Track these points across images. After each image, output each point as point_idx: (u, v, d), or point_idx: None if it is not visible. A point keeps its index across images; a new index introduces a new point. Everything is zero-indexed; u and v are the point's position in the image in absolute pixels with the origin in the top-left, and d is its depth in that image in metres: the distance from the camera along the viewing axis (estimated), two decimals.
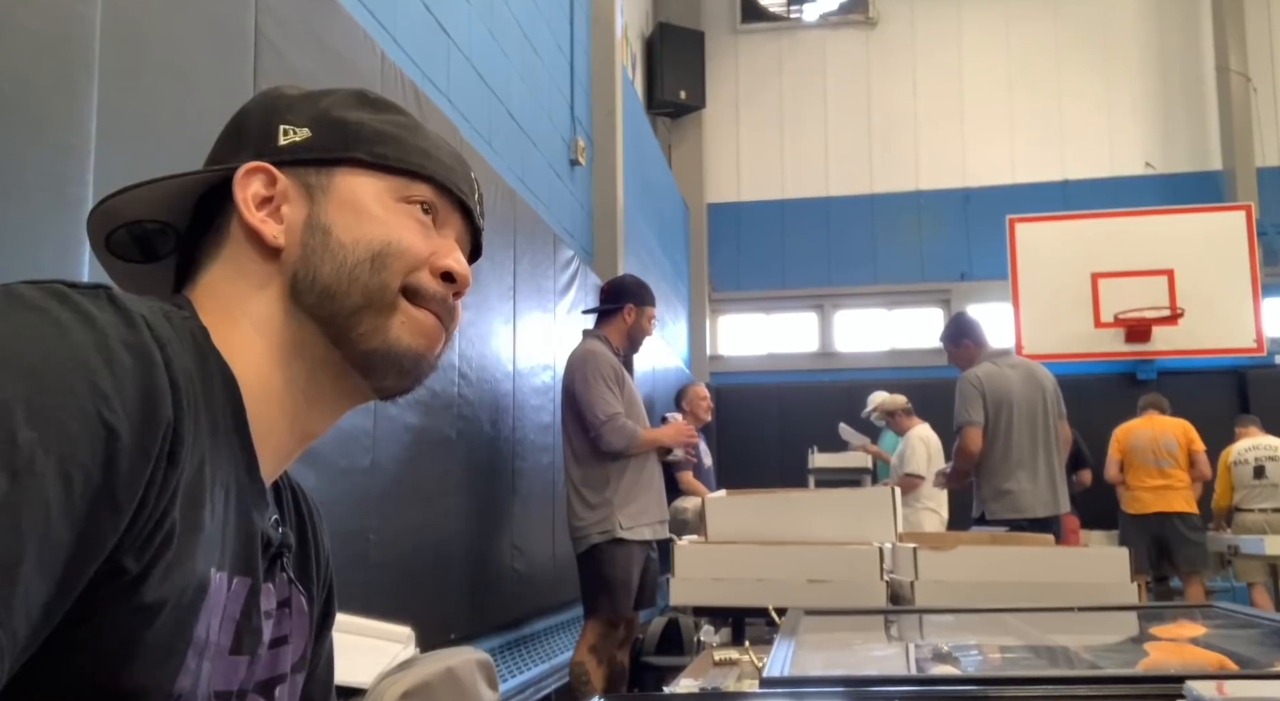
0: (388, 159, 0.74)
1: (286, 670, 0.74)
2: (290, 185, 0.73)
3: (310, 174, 0.73)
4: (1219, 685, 0.97)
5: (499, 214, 3.78)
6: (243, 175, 0.72)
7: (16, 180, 1.43)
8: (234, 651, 0.65)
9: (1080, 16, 10.34)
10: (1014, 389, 4.38)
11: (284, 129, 0.74)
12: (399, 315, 0.72)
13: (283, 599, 0.73)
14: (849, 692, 1.09)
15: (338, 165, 0.74)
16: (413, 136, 0.77)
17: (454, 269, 0.75)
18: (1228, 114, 9.76)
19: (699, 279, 10.52)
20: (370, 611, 1.99)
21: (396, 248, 0.72)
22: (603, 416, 3.56)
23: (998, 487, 4.28)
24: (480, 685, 1.60)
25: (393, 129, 0.76)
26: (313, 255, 0.71)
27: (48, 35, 1.51)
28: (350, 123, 0.75)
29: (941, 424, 6.56)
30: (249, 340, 0.70)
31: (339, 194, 0.73)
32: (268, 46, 2.15)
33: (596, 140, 6.67)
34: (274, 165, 0.73)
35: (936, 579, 2.25)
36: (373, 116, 0.76)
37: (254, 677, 0.68)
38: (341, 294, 0.71)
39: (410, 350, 0.72)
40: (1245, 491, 6.24)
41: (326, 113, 0.75)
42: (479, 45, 4.59)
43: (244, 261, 0.72)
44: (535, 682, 3.79)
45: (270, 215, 0.72)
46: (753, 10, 11.08)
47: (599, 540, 3.56)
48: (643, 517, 3.64)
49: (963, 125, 10.40)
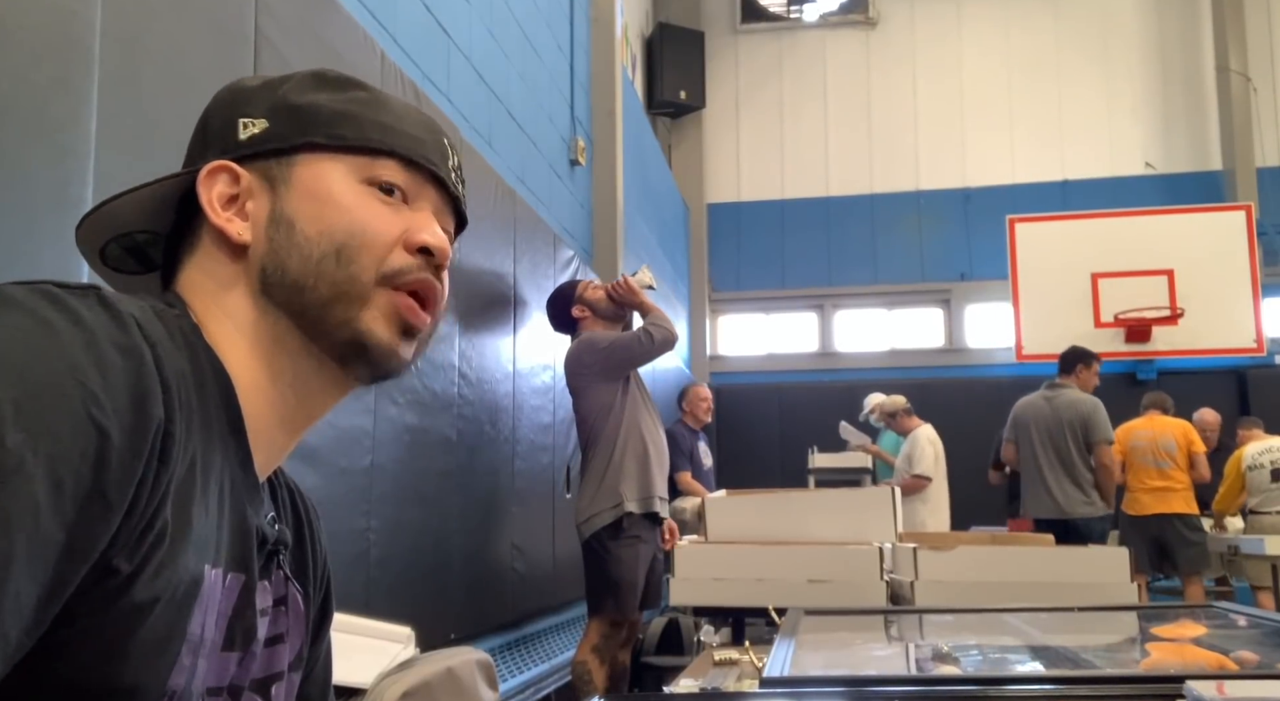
0: (345, 139, 0.73)
1: (284, 668, 0.73)
2: (253, 180, 0.72)
3: (271, 166, 0.72)
4: (1219, 685, 0.97)
5: (499, 214, 3.78)
6: (205, 176, 0.72)
7: (16, 180, 1.43)
8: (226, 647, 0.65)
9: (1080, 16, 10.34)
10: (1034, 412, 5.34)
11: (243, 122, 0.73)
12: (371, 308, 0.71)
13: (279, 597, 0.73)
14: (849, 692, 1.09)
15: (297, 152, 0.72)
16: (373, 112, 0.75)
17: (429, 243, 0.72)
18: (1228, 114, 9.76)
19: (699, 279, 10.51)
20: (370, 611, 2.00)
21: (362, 238, 0.70)
22: (633, 332, 3.69)
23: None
24: (480, 685, 1.60)
25: (351, 107, 0.74)
26: (279, 250, 0.70)
27: (48, 35, 1.51)
28: (306, 107, 0.73)
29: (941, 424, 6.57)
30: (232, 337, 0.70)
31: (301, 183, 0.72)
32: (268, 46, 2.15)
33: (596, 140, 6.67)
34: (236, 161, 0.72)
35: (936, 579, 2.25)
36: (331, 96, 0.74)
37: (249, 675, 0.68)
38: (309, 288, 0.70)
39: (381, 342, 0.71)
40: (1263, 495, 6.22)
41: (283, 100, 0.74)
42: (479, 45, 4.59)
43: (216, 261, 0.72)
44: (535, 682, 3.78)
45: (237, 213, 0.72)
46: (753, 10, 11.08)
47: (607, 521, 3.55)
48: (651, 489, 3.65)
49: (963, 125, 10.40)
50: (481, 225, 3.58)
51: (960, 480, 6.49)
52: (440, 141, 0.78)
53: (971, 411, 7.89)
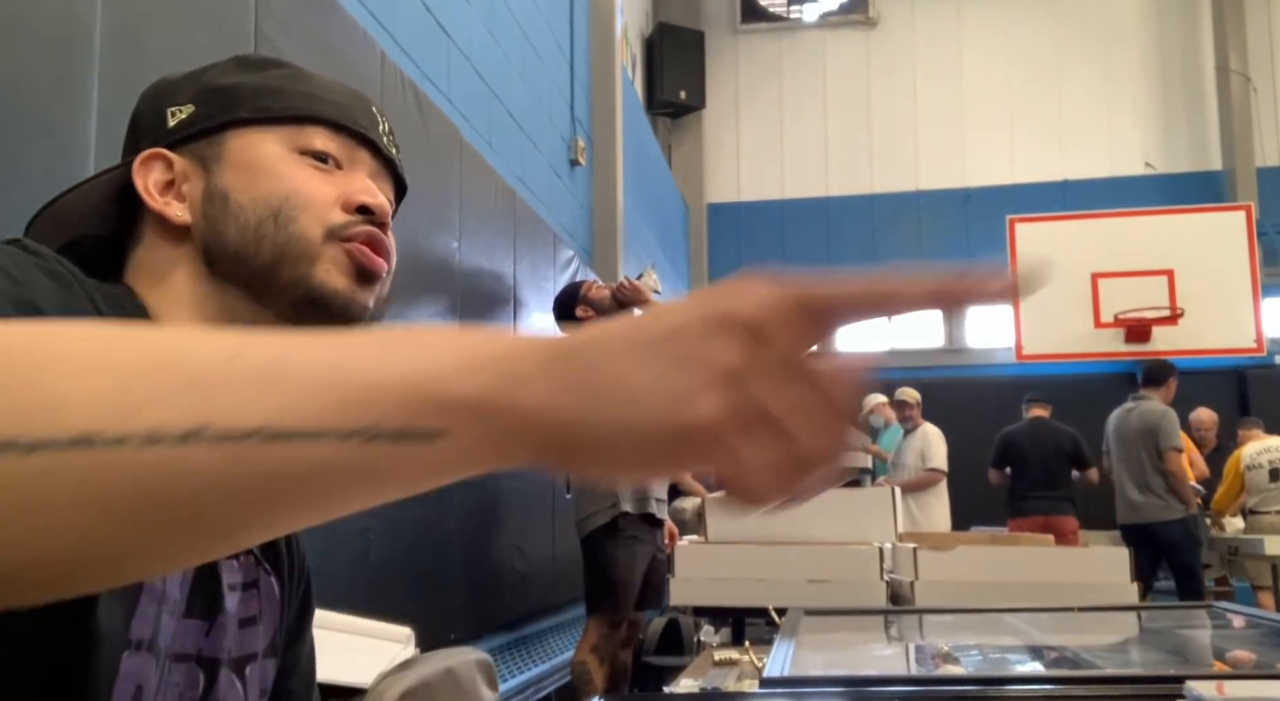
0: (271, 110, 0.74)
1: (258, 651, 0.74)
2: (186, 164, 0.73)
3: (202, 147, 0.74)
4: (1219, 685, 0.97)
5: (499, 214, 3.78)
6: (139, 165, 0.73)
7: (16, 180, 1.43)
8: (188, 613, 0.65)
9: (1080, 17, 10.34)
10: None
11: (171, 111, 0.75)
12: (322, 261, 0.71)
13: (250, 579, 0.73)
14: (849, 692, 1.09)
15: (225, 130, 0.74)
16: (296, 84, 0.76)
17: (368, 201, 0.73)
18: (1228, 114, 9.76)
19: (699, 279, 10.52)
20: (370, 611, 1.99)
21: (297, 199, 0.71)
22: None
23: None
24: (480, 685, 1.61)
25: (274, 81, 0.76)
26: (216, 223, 0.71)
27: (48, 35, 1.51)
28: (230, 87, 0.75)
29: (941, 424, 6.57)
30: (179, 315, 0.71)
31: (231, 158, 0.73)
32: (268, 46, 2.15)
33: (596, 140, 6.66)
34: (168, 148, 0.74)
35: (936, 579, 2.25)
36: (253, 76, 0.76)
37: (222, 649, 0.69)
38: (251, 255, 0.70)
39: (338, 291, 0.71)
40: (1262, 495, 6.21)
41: (208, 84, 0.75)
42: (479, 45, 4.58)
43: (158, 247, 0.73)
44: (535, 682, 3.78)
45: (174, 197, 0.73)
46: (753, 10, 11.08)
47: (604, 520, 3.55)
48: (647, 490, 3.63)
49: (963, 125, 10.40)
50: (481, 225, 3.57)
51: (960, 480, 6.49)
52: (368, 107, 0.79)
53: (972, 411, 7.89)
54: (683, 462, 0.36)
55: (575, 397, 0.35)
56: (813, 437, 0.36)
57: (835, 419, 0.37)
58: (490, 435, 0.35)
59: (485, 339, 0.36)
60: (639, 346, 0.36)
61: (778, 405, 0.35)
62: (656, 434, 0.35)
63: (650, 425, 0.35)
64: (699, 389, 0.35)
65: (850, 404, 0.37)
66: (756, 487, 0.36)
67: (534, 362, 0.35)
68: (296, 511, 0.35)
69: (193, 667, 0.67)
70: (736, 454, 0.35)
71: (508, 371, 0.35)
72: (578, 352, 0.35)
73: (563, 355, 0.35)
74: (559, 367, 0.35)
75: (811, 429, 0.36)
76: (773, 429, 0.35)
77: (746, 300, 0.36)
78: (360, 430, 0.33)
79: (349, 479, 0.34)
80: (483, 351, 0.35)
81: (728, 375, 0.35)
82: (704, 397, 0.35)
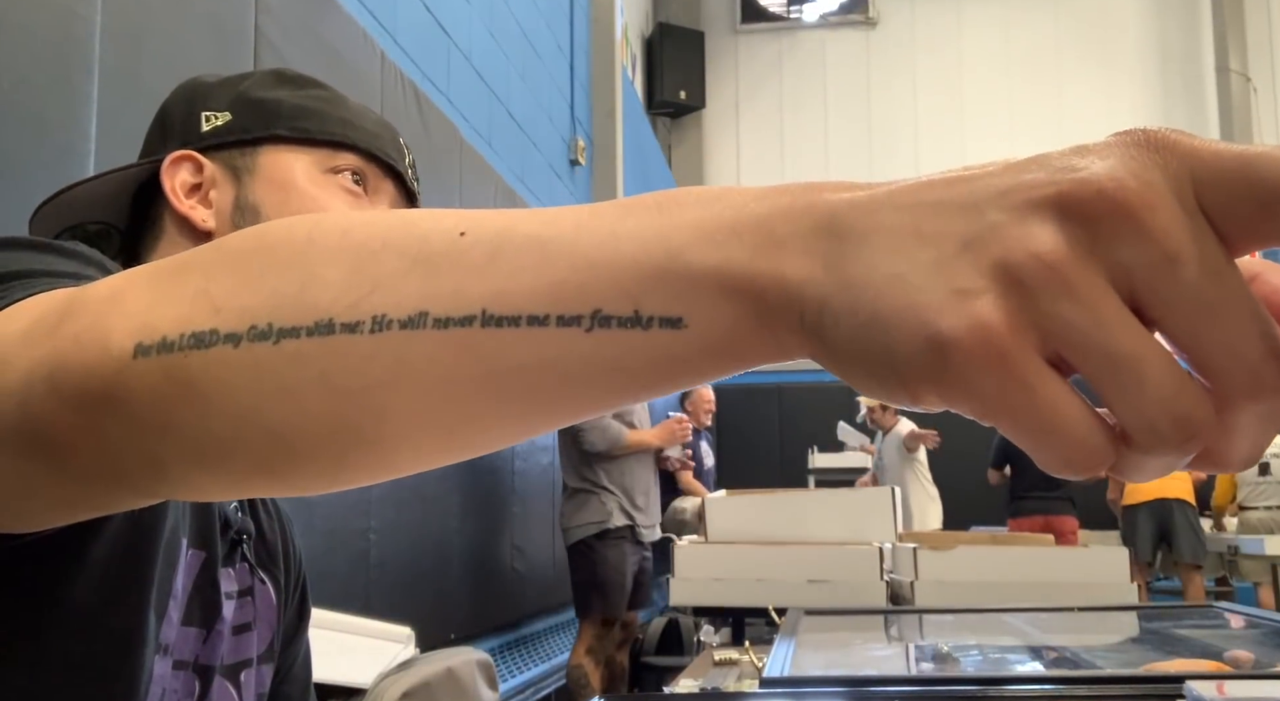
0: (309, 132, 0.75)
1: (252, 656, 0.74)
2: (217, 170, 0.74)
3: (235, 156, 0.74)
4: (1219, 685, 0.97)
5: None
6: (169, 164, 0.73)
7: (16, 180, 1.43)
8: (187, 622, 0.65)
9: (1080, 16, 10.34)
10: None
11: (206, 116, 0.75)
12: None
13: (245, 586, 0.73)
14: (849, 692, 1.09)
15: (261, 144, 0.74)
16: (334, 108, 0.77)
17: None
18: (1228, 114, 9.76)
19: None
20: (370, 611, 1.99)
21: None
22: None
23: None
24: (480, 685, 1.61)
25: (313, 103, 0.76)
26: None
27: (48, 35, 1.51)
28: (269, 101, 0.75)
29: (941, 424, 6.56)
30: None
31: (265, 172, 0.74)
32: (268, 46, 2.15)
33: (596, 140, 6.67)
34: (199, 151, 0.74)
35: (936, 579, 2.25)
36: (291, 93, 0.77)
37: (217, 657, 0.68)
38: None
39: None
40: (1250, 488, 6.21)
41: (246, 94, 0.76)
42: (479, 45, 4.58)
43: (181, 244, 0.73)
44: (535, 682, 3.79)
45: (200, 201, 0.73)
46: (753, 10, 11.08)
47: (592, 531, 3.57)
48: (638, 517, 3.65)
49: (962, 125, 10.40)
50: None
51: (960, 480, 6.50)
52: (396, 138, 0.80)
53: None
54: (942, 387, 0.26)
55: (838, 278, 0.28)
56: (1230, 385, 0.25)
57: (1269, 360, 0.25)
58: (741, 316, 0.29)
59: (735, 198, 0.30)
60: (924, 212, 0.29)
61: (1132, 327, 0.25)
62: (905, 342, 0.26)
63: (896, 328, 0.26)
64: (972, 291, 0.26)
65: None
66: (1061, 448, 0.26)
67: (796, 225, 0.29)
68: (528, 406, 0.31)
69: (189, 675, 0.66)
70: (1031, 391, 0.25)
71: (764, 237, 0.29)
72: (850, 220, 0.28)
73: (831, 224, 0.28)
74: (822, 242, 0.28)
75: (1231, 371, 0.25)
76: (1121, 363, 0.25)
77: (1125, 175, 0.27)
78: (583, 316, 0.29)
79: (580, 371, 0.30)
80: (731, 213, 0.29)
81: (1044, 267, 0.26)
82: (981, 301, 0.26)
